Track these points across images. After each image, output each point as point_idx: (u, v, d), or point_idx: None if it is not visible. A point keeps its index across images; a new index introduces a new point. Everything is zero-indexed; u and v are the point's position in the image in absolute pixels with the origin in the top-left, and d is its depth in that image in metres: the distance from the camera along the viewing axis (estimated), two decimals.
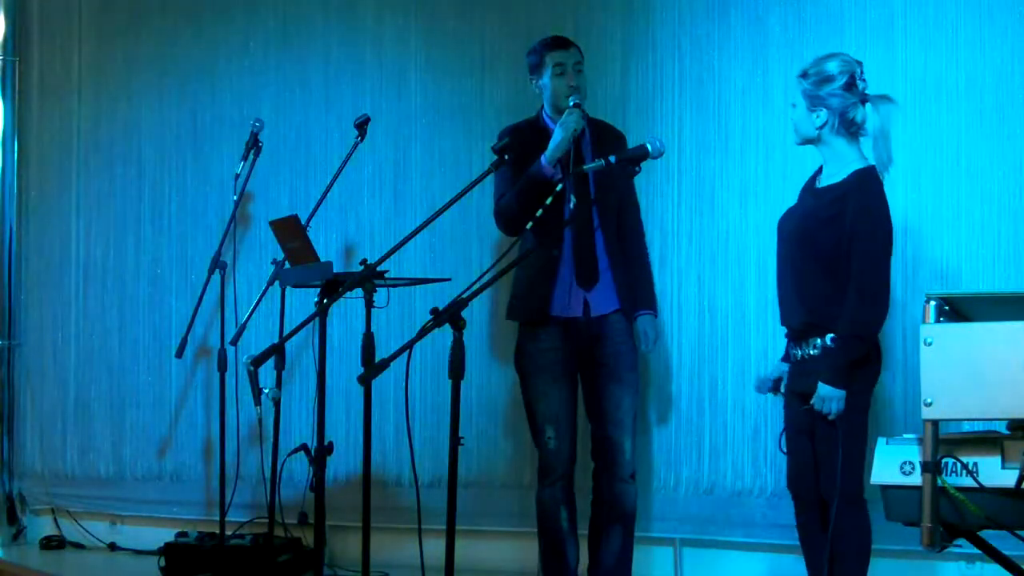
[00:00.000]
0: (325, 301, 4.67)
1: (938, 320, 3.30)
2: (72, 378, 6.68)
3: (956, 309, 3.36)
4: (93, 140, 6.70)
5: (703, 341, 5.43)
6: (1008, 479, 3.20)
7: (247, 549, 5.69)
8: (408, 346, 3.73)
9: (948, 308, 3.32)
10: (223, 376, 5.58)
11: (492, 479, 5.77)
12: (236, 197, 5.67)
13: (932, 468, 3.23)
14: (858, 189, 4.02)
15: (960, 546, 3.47)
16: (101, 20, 6.72)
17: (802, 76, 4.12)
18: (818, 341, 4.05)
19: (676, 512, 5.45)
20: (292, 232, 4.92)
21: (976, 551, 3.57)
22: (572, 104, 4.73)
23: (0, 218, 6.83)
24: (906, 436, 3.40)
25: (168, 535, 6.03)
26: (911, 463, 3.31)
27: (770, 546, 5.28)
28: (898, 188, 5.01)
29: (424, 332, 3.72)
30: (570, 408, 4.78)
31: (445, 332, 3.77)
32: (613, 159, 4.15)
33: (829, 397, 3.98)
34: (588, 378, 4.83)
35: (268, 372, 4.98)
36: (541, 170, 4.67)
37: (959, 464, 3.25)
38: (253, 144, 5.66)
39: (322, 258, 4.90)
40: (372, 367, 3.86)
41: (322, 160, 6.12)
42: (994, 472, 3.23)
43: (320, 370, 4.77)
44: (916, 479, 3.27)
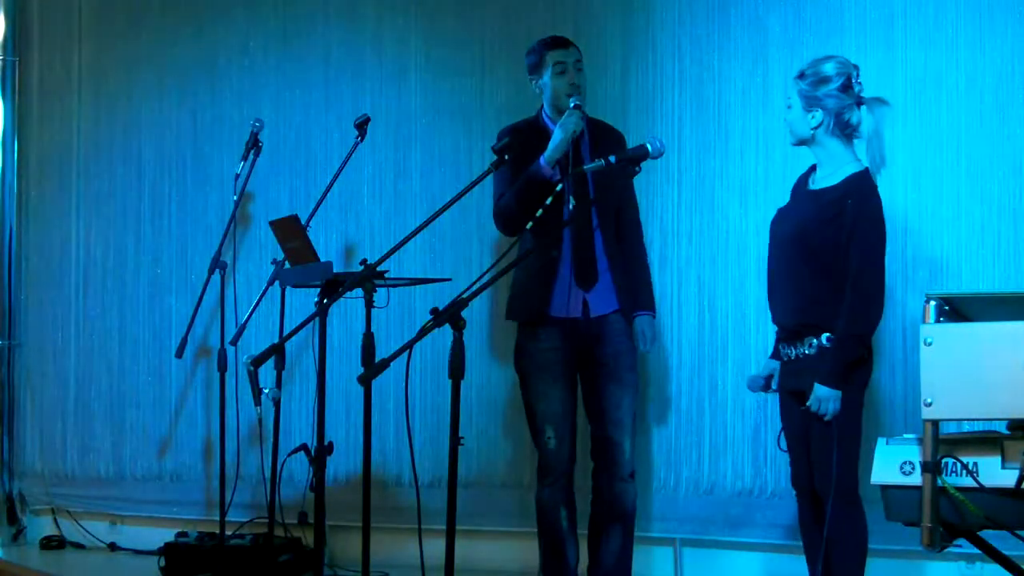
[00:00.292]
0: (325, 301, 4.67)
1: (938, 320, 3.30)
2: (72, 378, 6.67)
3: (956, 309, 3.36)
4: (93, 140, 6.69)
5: (703, 341, 5.43)
6: (1008, 479, 3.21)
7: (247, 549, 5.69)
8: (408, 346, 3.73)
9: (948, 308, 3.33)
10: (223, 376, 5.58)
11: (492, 479, 5.77)
12: (236, 197, 5.67)
13: (932, 468, 3.24)
14: (858, 192, 4.05)
15: (960, 546, 3.48)
16: (101, 20, 6.71)
17: (799, 77, 4.16)
18: (814, 340, 4.07)
19: (676, 512, 5.44)
20: (292, 232, 4.92)
21: (976, 551, 3.58)
22: (573, 105, 4.72)
23: (0, 218, 6.83)
24: (906, 436, 3.41)
25: (168, 535, 6.02)
26: (911, 463, 3.31)
27: (770, 546, 5.28)
28: (898, 188, 5.02)
29: (424, 332, 3.72)
30: (570, 408, 4.78)
31: (445, 332, 3.77)
32: (613, 159, 4.16)
33: (826, 398, 3.99)
34: (588, 378, 4.82)
35: (268, 372, 4.98)
36: (540, 170, 4.66)
37: (959, 464, 3.25)
38: (253, 144, 5.66)
39: (322, 258, 4.90)
40: (372, 367, 3.86)
41: (322, 160, 6.12)
42: (994, 472, 3.23)
43: (320, 370, 4.77)
44: (916, 479, 3.28)
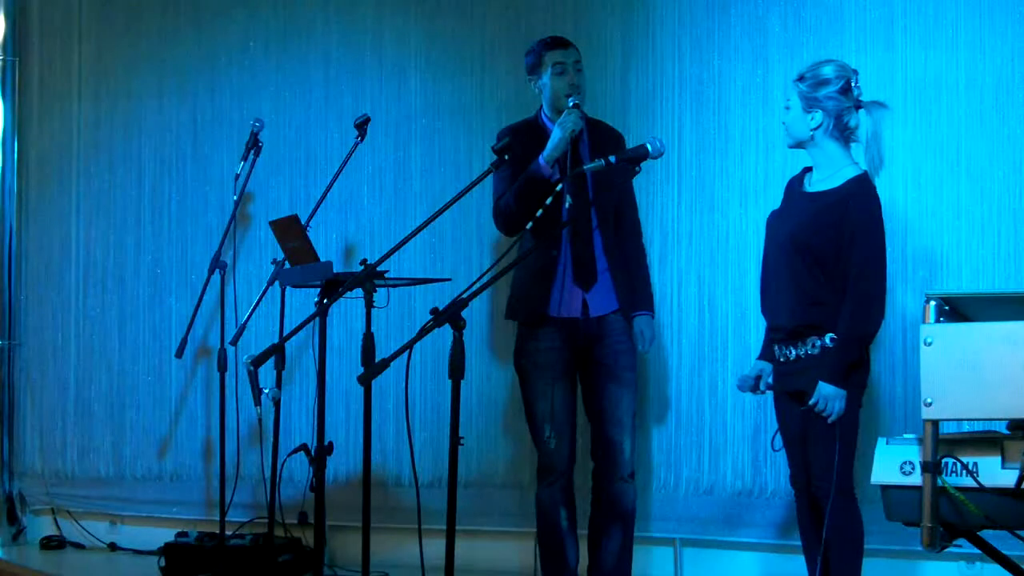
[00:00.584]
0: (325, 301, 4.67)
1: (938, 320, 3.30)
2: (72, 378, 6.67)
3: (956, 309, 3.36)
4: (93, 140, 6.69)
5: (703, 341, 5.43)
6: (1008, 479, 3.21)
7: (247, 549, 5.68)
8: (408, 346, 3.73)
9: (948, 308, 3.33)
10: (223, 376, 5.58)
11: (492, 479, 5.77)
12: (236, 197, 5.67)
13: (932, 468, 3.23)
14: (860, 195, 4.07)
15: (960, 546, 3.48)
16: (101, 20, 6.71)
17: (798, 80, 4.18)
18: (817, 340, 4.08)
19: (676, 512, 5.44)
20: (292, 232, 4.92)
21: (976, 551, 3.58)
22: (571, 105, 4.72)
23: (0, 218, 6.83)
24: (906, 436, 3.40)
25: (168, 535, 6.02)
26: (911, 463, 3.31)
27: (770, 546, 5.28)
28: (898, 188, 5.03)
29: (424, 332, 3.72)
30: (569, 408, 4.77)
31: (445, 332, 3.77)
32: (613, 159, 4.16)
33: (832, 396, 4.01)
34: (587, 378, 4.82)
35: (268, 372, 4.98)
36: (539, 170, 4.66)
37: (959, 464, 3.25)
38: (253, 144, 5.66)
39: (322, 258, 4.90)
40: (372, 367, 3.86)
41: (322, 160, 6.12)
42: (994, 472, 3.23)
43: (320, 370, 4.77)
44: (916, 479, 3.28)
